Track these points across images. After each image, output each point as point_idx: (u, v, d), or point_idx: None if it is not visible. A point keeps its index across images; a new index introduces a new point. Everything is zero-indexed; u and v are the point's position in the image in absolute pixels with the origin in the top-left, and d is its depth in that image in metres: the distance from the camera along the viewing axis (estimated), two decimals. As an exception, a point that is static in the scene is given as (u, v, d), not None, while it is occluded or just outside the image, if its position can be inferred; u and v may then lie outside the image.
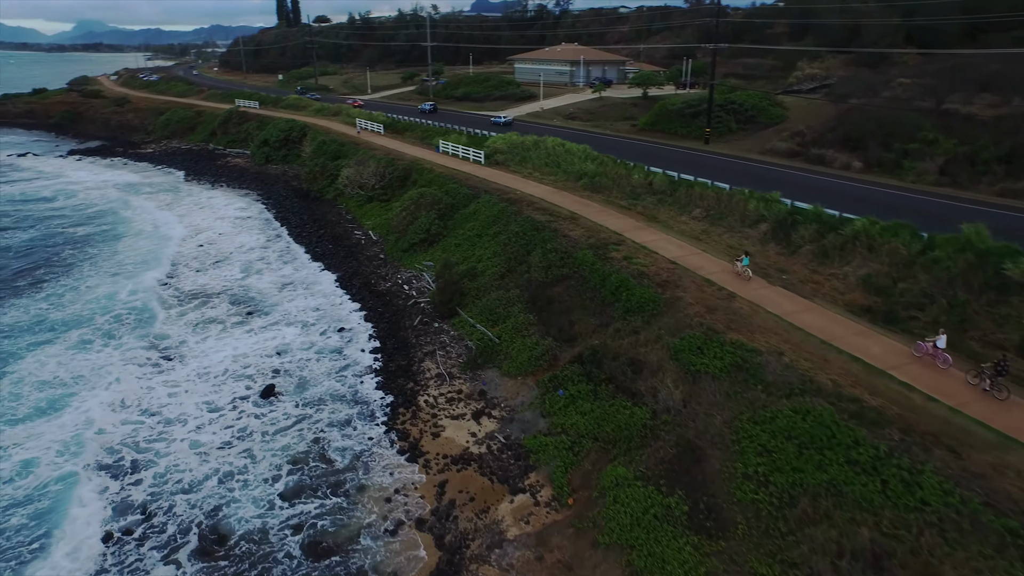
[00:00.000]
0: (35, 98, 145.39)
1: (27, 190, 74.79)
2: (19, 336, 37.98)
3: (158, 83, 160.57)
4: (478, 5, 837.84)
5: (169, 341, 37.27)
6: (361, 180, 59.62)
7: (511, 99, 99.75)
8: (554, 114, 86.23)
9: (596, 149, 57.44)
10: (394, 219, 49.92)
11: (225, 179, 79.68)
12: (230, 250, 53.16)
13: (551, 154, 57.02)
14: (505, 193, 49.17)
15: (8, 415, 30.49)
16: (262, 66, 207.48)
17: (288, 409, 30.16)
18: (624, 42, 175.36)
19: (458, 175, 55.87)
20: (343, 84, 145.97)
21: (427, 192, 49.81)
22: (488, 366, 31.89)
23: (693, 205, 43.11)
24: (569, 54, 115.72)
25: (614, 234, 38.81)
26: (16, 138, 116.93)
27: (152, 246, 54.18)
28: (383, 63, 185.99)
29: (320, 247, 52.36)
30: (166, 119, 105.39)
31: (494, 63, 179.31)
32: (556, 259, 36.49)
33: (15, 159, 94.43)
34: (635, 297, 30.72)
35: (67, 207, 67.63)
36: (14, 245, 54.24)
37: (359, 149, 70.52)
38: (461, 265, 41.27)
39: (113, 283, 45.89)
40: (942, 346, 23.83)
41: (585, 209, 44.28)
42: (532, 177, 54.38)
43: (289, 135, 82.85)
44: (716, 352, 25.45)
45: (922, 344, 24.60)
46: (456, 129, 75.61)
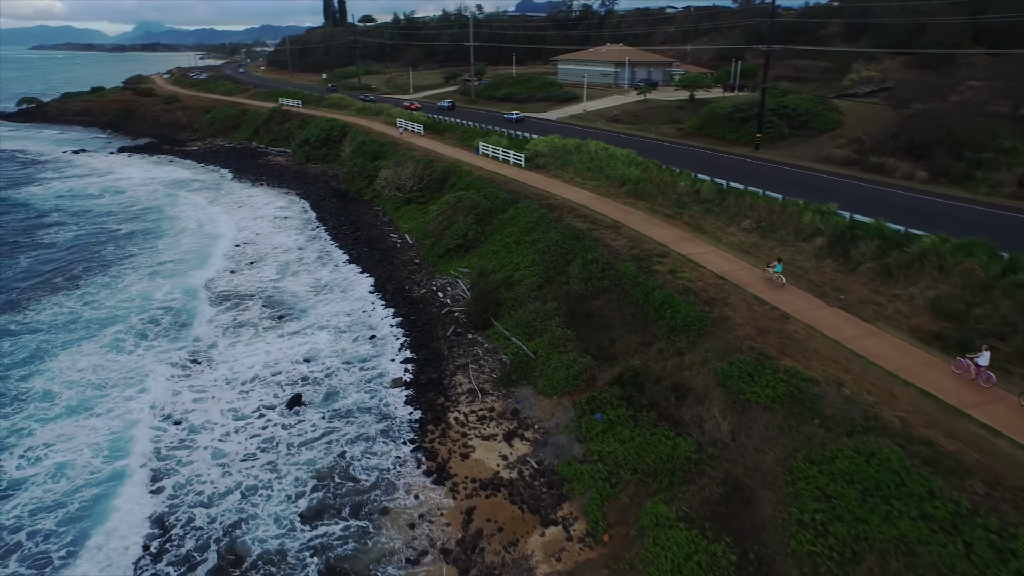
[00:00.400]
0: (92, 96, 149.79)
1: (77, 186, 76.31)
2: (55, 333, 38.06)
3: (207, 82, 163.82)
4: (523, 5, 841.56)
5: (200, 344, 36.83)
6: (399, 182, 58.82)
7: (553, 100, 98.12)
8: (597, 116, 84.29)
9: (640, 154, 55.46)
10: (431, 223, 48.87)
11: (266, 177, 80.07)
12: (267, 250, 52.92)
13: (594, 158, 55.25)
14: (545, 198, 47.66)
15: (40, 414, 30.37)
16: (307, 65, 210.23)
17: (315, 420, 29.22)
18: (670, 43, 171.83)
19: (497, 178, 54.57)
20: (386, 83, 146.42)
21: (465, 196, 48.62)
22: (522, 383, 30.42)
23: (743, 216, 40.87)
24: (614, 55, 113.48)
25: (659, 245, 36.92)
26: (74, 135, 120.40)
27: (191, 245, 54.32)
28: (426, 63, 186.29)
29: (356, 249, 51.69)
30: (211, 117, 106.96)
31: (537, 63, 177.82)
32: (597, 270, 34.82)
33: (71, 155, 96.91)
34: (680, 315, 28.85)
35: (113, 204, 68.65)
36: (59, 242, 55.01)
37: (398, 150, 69.87)
38: (497, 273, 39.91)
39: (150, 282, 45.92)
40: (984, 364, 22.20)
41: (628, 217, 42.45)
42: (573, 182, 52.72)
43: (329, 134, 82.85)
44: (768, 380, 23.47)
45: (962, 361, 23.11)
46: (496, 131, 74.39)
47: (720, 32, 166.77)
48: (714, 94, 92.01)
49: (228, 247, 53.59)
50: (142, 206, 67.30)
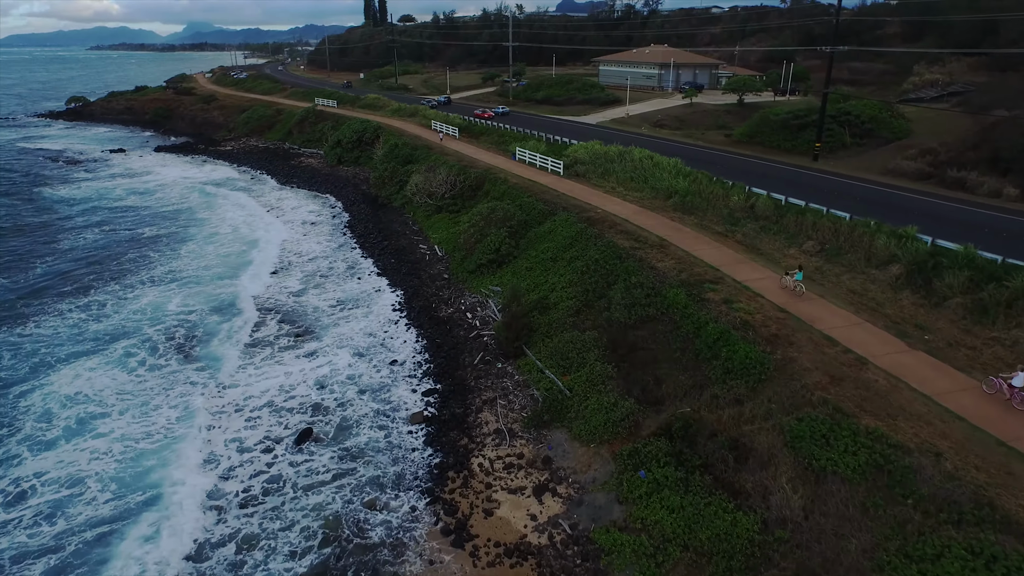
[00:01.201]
0: (135, 95, 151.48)
1: (108, 187, 75.64)
2: (60, 346, 36.30)
3: (246, 81, 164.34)
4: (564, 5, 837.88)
5: (211, 363, 34.52)
6: (430, 188, 56.08)
7: (594, 103, 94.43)
8: (641, 121, 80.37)
9: (687, 163, 51.69)
10: (462, 234, 45.90)
11: (297, 179, 78.39)
12: (292, 258, 50.70)
13: (638, 167, 51.63)
14: (584, 211, 44.31)
15: (36, 437, 28.45)
16: (346, 64, 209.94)
17: (324, 460, 26.44)
18: (715, 44, 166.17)
19: (534, 187, 51.38)
20: (423, 84, 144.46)
21: (498, 206, 45.54)
22: (556, 425, 27.17)
23: (804, 236, 36.87)
24: (658, 56, 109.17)
25: (710, 268, 33.25)
26: (115, 133, 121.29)
27: (215, 252, 52.42)
28: (465, 63, 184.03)
29: (383, 260, 49.08)
30: (246, 117, 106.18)
31: (578, 64, 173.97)
32: (641, 296, 31.34)
33: (108, 155, 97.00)
34: (738, 355, 25.24)
35: (141, 206, 67.49)
36: (78, 247, 53.67)
37: (431, 154, 67.21)
38: (531, 294, 36.75)
39: (165, 292, 43.97)
40: (1019, 385, 20.36)
41: (676, 235, 38.80)
42: (615, 193, 49.20)
43: (362, 136, 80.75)
44: (847, 444, 19.79)
45: (995, 380, 21.70)
46: (534, 135, 71.19)
47: (768, 33, 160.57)
48: (764, 98, 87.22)
49: (252, 254, 51.52)
50: (170, 209, 65.99)
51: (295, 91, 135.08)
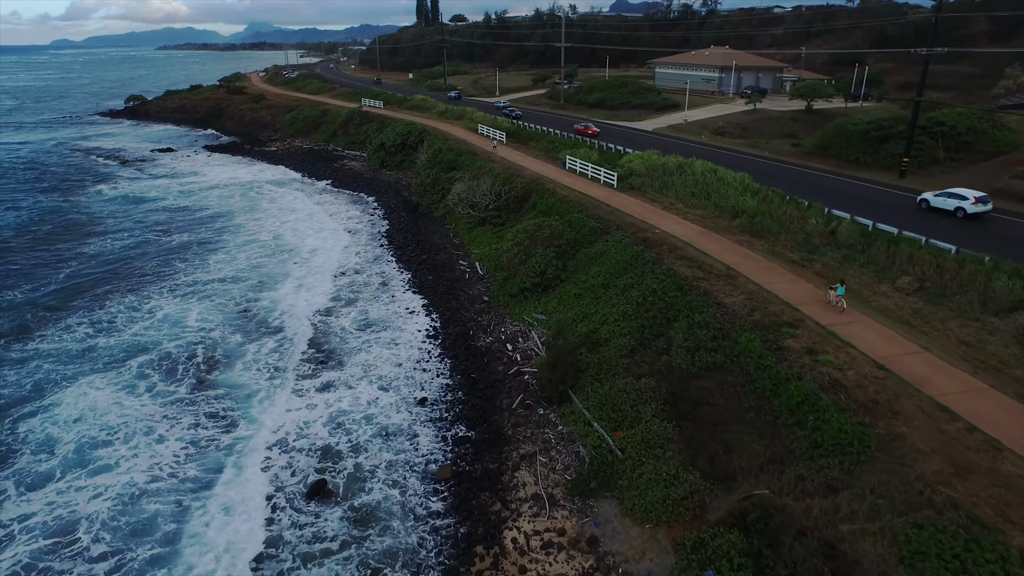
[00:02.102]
0: (189, 94, 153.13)
1: (150, 188, 74.70)
2: (67, 364, 34.25)
3: (296, 80, 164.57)
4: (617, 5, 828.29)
5: (223, 393, 31.65)
6: (473, 199, 52.57)
7: (650, 108, 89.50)
8: (700, 128, 75.23)
9: (753, 177, 46.81)
10: (505, 252, 42.14)
11: (338, 183, 76.14)
12: (324, 269, 47.81)
13: (700, 182, 47.00)
14: (641, 230, 40.05)
15: (29, 470, 26.16)
16: (397, 64, 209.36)
17: (334, 522, 23.00)
18: (777, 46, 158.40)
19: (585, 201, 47.31)
20: (472, 84, 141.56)
21: (545, 223, 41.65)
22: (604, 494, 23.14)
23: (897, 270, 31.83)
24: (718, 59, 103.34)
25: (788, 308, 28.63)
26: (167, 132, 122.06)
27: (245, 261, 49.98)
28: (516, 64, 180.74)
29: (419, 277, 45.78)
30: (292, 117, 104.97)
31: (631, 66, 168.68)
32: (707, 339, 27.05)
33: (157, 154, 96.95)
34: (829, 426, 20.74)
35: (178, 208, 66.02)
36: (105, 252, 52.00)
37: (476, 160, 63.75)
38: (579, 325, 32.78)
39: (185, 305, 41.56)
40: None
41: (745, 263, 34.20)
42: (674, 209, 44.72)
43: (406, 139, 77.96)
44: (994, 573, 15.21)
45: None
46: (586, 143, 67.03)
47: (835, 34, 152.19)
48: (835, 105, 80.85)
49: (284, 266, 48.90)
50: (207, 213, 64.27)
51: (343, 91, 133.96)
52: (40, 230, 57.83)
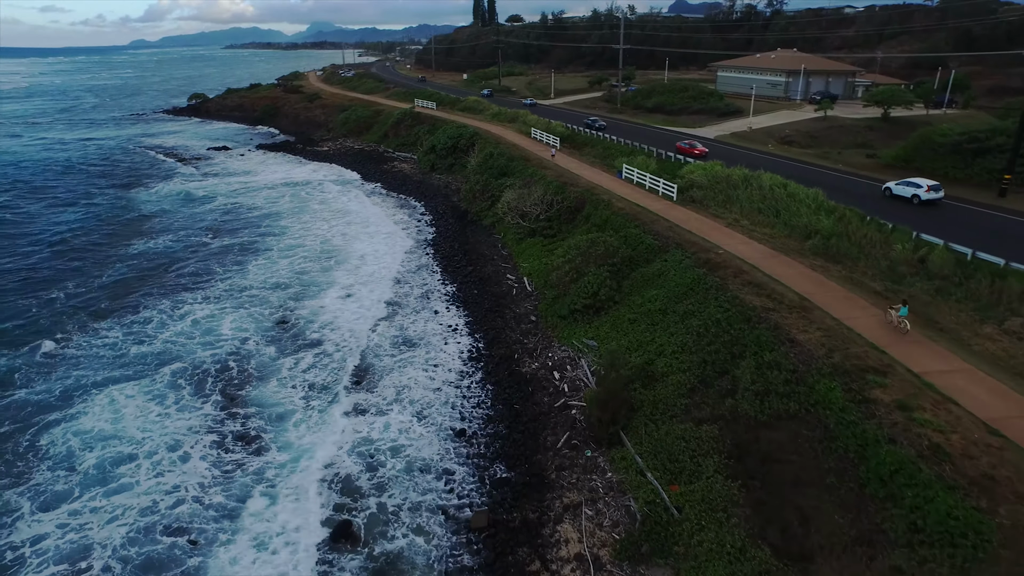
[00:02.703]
0: (248, 92, 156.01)
1: (200, 187, 74.94)
2: (96, 370, 33.55)
3: (352, 79, 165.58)
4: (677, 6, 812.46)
5: (254, 412, 30.14)
6: (523, 207, 50.19)
7: (712, 114, 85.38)
8: (765, 136, 71.00)
9: (826, 192, 42.99)
10: (556, 268, 39.54)
11: (388, 185, 75.02)
12: (367, 279, 46.19)
13: (767, 197, 43.43)
14: (703, 250, 36.95)
15: (47, 487, 25.16)
16: (452, 64, 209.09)
17: (353, 570, 21.00)
18: (847, 48, 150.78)
19: (642, 215, 44.37)
20: (527, 86, 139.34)
21: (599, 239, 38.91)
22: (657, 561, 20.37)
23: (1005, 309, 27.92)
24: (785, 62, 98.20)
25: (873, 350, 25.21)
26: (224, 129, 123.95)
27: (287, 267, 48.74)
28: (572, 65, 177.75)
29: (464, 290, 43.67)
30: (345, 117, 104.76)
31: (691, 69, 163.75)
32: (778, 382, 23.97)
33: (212, 152, 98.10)
34: (935, 509, 17.48)
35: (226, 209, 65.74)
36: (147, 252, 51.67)
37: (528, 166, 61.39)
38: (634, 355, 30.03)
39: (220, 312, 40.50)
40: None
41: (820, 292, 30.78)
42: (739, 227, 41.34)
43: (457, 143, 76.19)
44: None
45: None
46: (644, 150, 63.87)
47: (913, 35, 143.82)
48: (915, 112, 75.23)
49: (325, 273, 47.52)
50: (255, 214, 63.78)
51: (397, 91, 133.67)
52: (93, 229, 58.13)
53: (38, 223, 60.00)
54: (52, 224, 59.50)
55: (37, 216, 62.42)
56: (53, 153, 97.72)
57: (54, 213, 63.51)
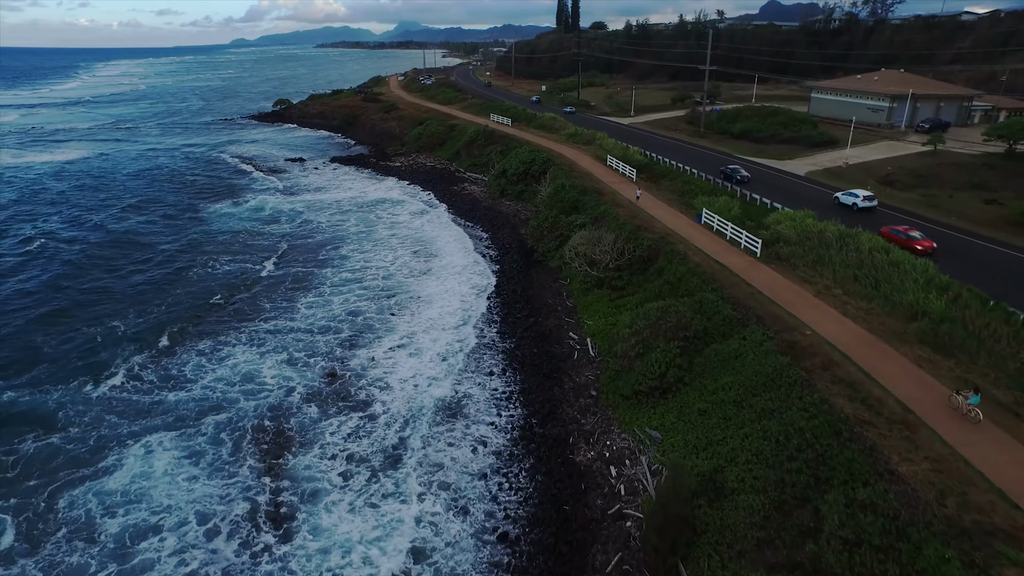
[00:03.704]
0: (330, 99, 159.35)
1: (266, 204, 75.69)
2: (133, 418, 33.47)
3: (430, 88, 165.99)
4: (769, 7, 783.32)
5: (288, 485, 28.69)
6: (592, 254, 47.08)
7: (803, 144, 79.14)
8: (863, 173, 64.77)
9: (940, 258, 37.82)
10: (622, 340, 36.11)
11: (456, 210, 73.52)
12: (426, 326, 44.18)
13: (865, 263, 38.61)
14: (787, 328, 32.96)
15: (64, 560, 24.52)
16: (531, 72, 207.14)
17: None
18: (963, 62, 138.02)
19: (720, 275, 40.51)
20: (605, 100, 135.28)
21: (671, 308, 35.36)
22: None
23: None
24: (890, 84, 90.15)
25: (1003, 501, 20.81)
26: (304, 138, 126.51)
27: (340, 305, 47.28)
28: (655, 76, 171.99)
29: (523, 348, 40.95)
30: (418, 132, 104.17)
31: (782, 83, 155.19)
32: (874, 531, 20.10)
33: (287, 164, 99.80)
34: None
35: (288, 232, 65.67)
36: (199, 280, 51.63)
37: (600, 202, 58.15)
38: (701, 457, 26.66)
39: (263, 357, 39.68)
40: None
41: (928, 399, 26.31)
42: (831, 297, 36.84)
43: (529, 168, 73.69)
44: None
45: None
46: (727, 188, 59.39)
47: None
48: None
49: (381, 317, 45.89)
50: (316, 239, 63.32)
51: (473, 102, 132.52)
52: (156, 251, 58.94)
53: (113, 243, 60.95)
54: (124, 243, 60.84)
55: (114, 236, 63.50)
56: (146, 162, 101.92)
57: (126, 231, 64.56)
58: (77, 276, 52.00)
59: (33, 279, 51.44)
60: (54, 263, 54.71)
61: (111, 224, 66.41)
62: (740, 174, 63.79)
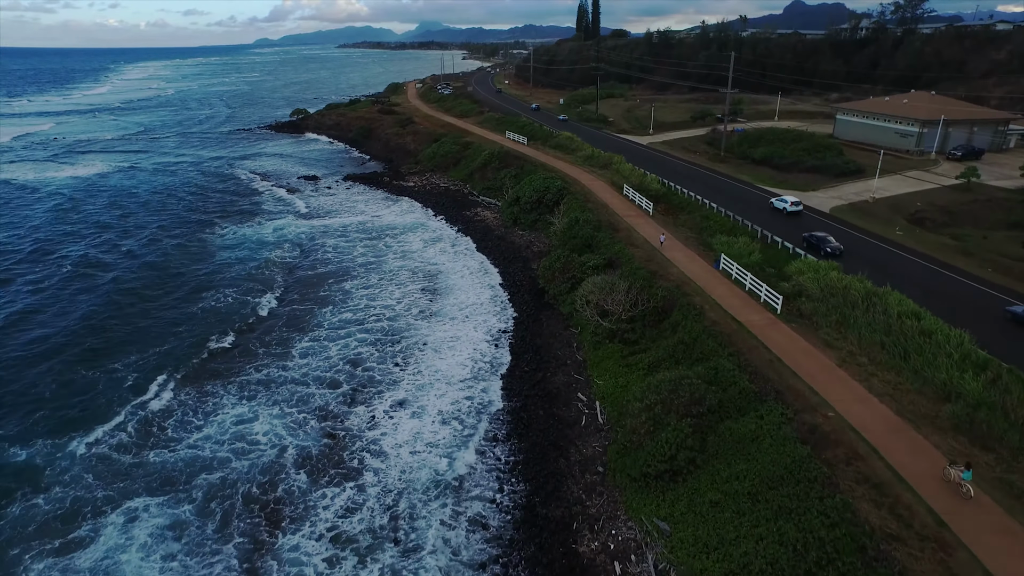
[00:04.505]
0: (346, 109, 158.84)
1: (276, 229, 74.62)
2: (112, 481, 32.39)
3: (447, 99, 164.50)
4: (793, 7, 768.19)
5: (274, 567, 27.28)
6: (605, 304, 45.12)
7: (828, 172, 76.27)
8: (890, 211, 61.98)
9: (972, 318, 35.43)
10: (632, 410, 34.16)
11: (470, 236, 72.06)
12: (430, 378, 42.44)
13: (893, 330, 36.23)
14: (808, 407, 30.96)
15: None
16: (550, 82, 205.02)
17: None
18: (997, 75, 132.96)
19: (738, 336, 38.45)
20: (624, 115, 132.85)
21: (684, 381, 33.29)
22: None
23: None
24: (920, 107, 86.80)
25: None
26: (319, 152, 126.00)
27: (339, 351, 45.68)
28: (675, 88, 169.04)
29: (529, 410, 38.85)
30: (433, 151, 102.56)
31: (806, 95, 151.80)
32: None
33: (301, 182, 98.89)
34: None
35: (294, 260, 64.75)
36: (188, 318, 50.27)
37: (615, 241, 56.19)
38: (712, 559, 24.76)
39: (253, 411, 38.40)
40: None
41: (966, 510, 24.15)
42: (856, 366, 34.63)
43: (543, 197, 71.80)
44: None
45: None
46: (748, 228, 57.13)
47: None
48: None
49: (383, 367, 44.16)
50: (321, 269, 62.08)
51: (490, 116, 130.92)
52: (151, 282, 58.00)
53: (102, 273, 59.89)
54: (116, 272, 60.05)
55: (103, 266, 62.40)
56: (164, 178, 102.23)
57: (132, 261, 63.67)
58: (79, 312, 51.34)
59: (36, 314, 51.05)
60: (60, 298, 54.17)
61: (117, 255, 65.15)
62: (830, 245, 51.05)
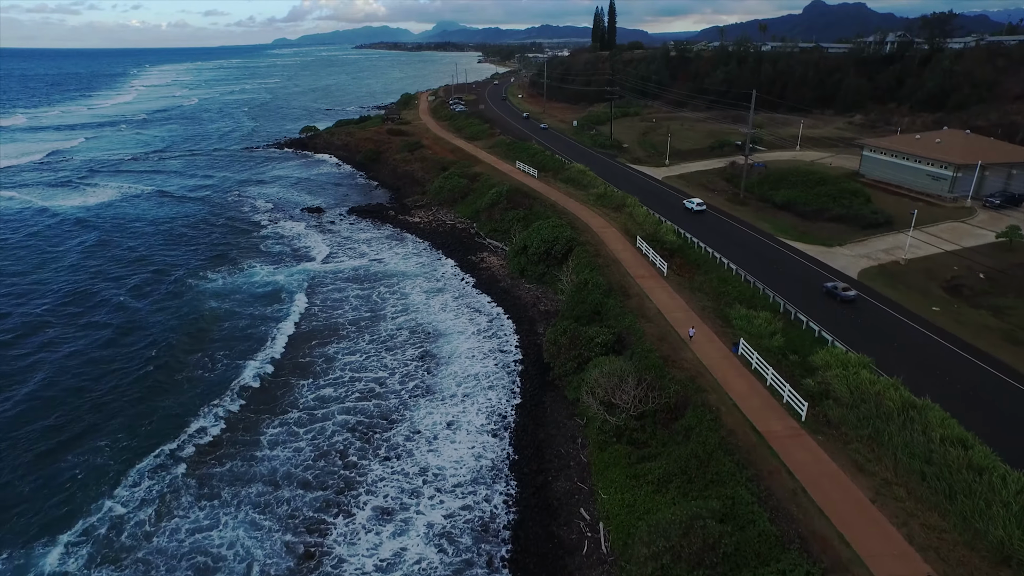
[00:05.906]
0: (356, 128, 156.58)
1: (269, 276, 71.89)
2: None
3: (458, 118, 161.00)
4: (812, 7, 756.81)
5: None
6: (611, 397, 41.54)
7: (854, 224, 71.58)
8: (924, 277, 57.62)
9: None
10: (637, 556, 30.40)
11: (478, 287, 68.78)
12: (419, 483, 39.08)
13: (936, 458, 32.19)
14: (837, 567, 27.27)
15: None
16: (566, 96, 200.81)
17: None
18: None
19: (756, 454, 34.87)
20: (639, 140, 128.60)
21: (696, 523, 29.64)
22: None
23: None
24: (954, 148, 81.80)
25: None
26: (327, 176, 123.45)
27: (311, 443, 42.38)
28: (693, 104, 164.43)
29: (527, 525, 35.61)
30: (440, 185, 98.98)
31: (828, 113, 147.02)
32: None
33: (304, 215, 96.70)
34: None
35: (279, 314, 61.93)
36: (149, 401, 46.80)
37: (626, 313, 52.50)
38: None
39: (222, 521, 35.59)
40: None
41: None
42: (892, 500, 30.87)
43: (551, 248, 68.30)
44: None
45: None
46: (769, 297, 53.23)
47: None
48: None
49: (363, 466, 40.47)
50: (305, 327, 59.46)
51: (501, 140, 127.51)
52: (140, 345, 55.28)
53: (104, 340, 56.71)
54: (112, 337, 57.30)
55: (109, 322, 60.01)
56: (169, 208, 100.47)
57: (119, 315, 61.18)
58: (58, 382, 49.14)
59: (18, 384, 49.15)
60: (45, 364, 52.02)
61: (108, 311, 62.33)
62: (844, 294, 53.44)
